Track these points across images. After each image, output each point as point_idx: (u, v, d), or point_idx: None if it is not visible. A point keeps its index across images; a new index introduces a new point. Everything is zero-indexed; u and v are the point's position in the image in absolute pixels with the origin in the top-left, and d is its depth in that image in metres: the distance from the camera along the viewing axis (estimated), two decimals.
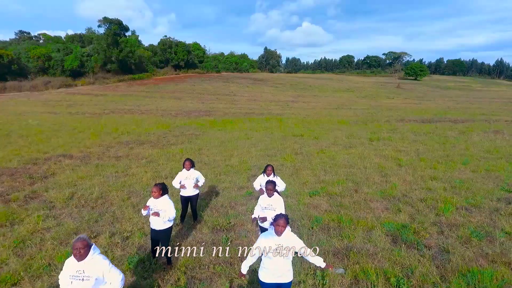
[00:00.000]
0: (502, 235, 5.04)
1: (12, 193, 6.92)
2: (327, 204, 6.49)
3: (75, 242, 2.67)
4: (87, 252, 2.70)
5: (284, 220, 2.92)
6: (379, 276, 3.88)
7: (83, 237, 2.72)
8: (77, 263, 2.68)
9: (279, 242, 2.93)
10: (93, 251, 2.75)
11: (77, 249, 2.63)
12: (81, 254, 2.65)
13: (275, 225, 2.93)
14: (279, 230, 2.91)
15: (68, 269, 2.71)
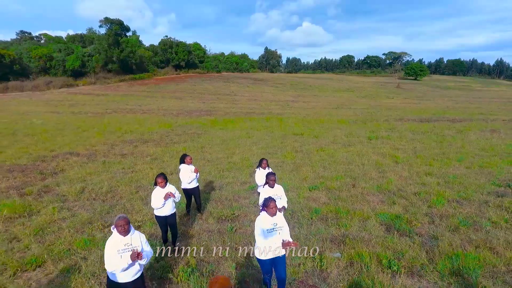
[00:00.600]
0: (488, 224, 5.38)
1: (25, 187, 7.26)
2: (326, 198, 6.83)
3: (118, 220, 3.07)
4: (129, 228, 3.11)
5: (274, 202, 3.34)
6: (372, 259, 4.22)
7: (123, 215, 3.12)
8: (123, 238, 3.08)
9: (274, 221, 3.34)
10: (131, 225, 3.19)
11: (122, 226, 3.03)
12: (126, 230, 3.07)
13: (268, 208, 3.34)
14: (273, 211, 3.31)
15: (115, 246, 3.07)
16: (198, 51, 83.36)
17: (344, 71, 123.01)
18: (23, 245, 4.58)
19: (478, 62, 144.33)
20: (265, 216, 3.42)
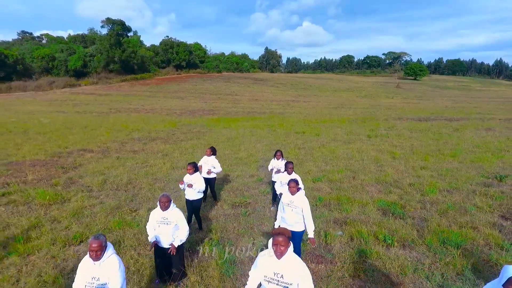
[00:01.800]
0: (473, 208, 6.00)
1: (52, 179, 7.88)
2: (329, 188, 7.45)
3: (161, 197, 3.71)
4: (169, 205, 3.73)
5: (294, 183, 3.93)
6: (370, 235, 4.84)
7: (166, 194, 3.73)
8: (162, 212, 3.72)
9: (291, 199, 3.94)
10: (172, 204, 3.80)
11: (163, 202, 3.67)
12: (166, 206, 3.70)
13: (288, 187, 3.94)
14: (292, 190, 3.91)
15: (154, 218, 3.75)
16: (198, 51, 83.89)
17: (344, 71, 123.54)
18: (64, 226, 5.21)
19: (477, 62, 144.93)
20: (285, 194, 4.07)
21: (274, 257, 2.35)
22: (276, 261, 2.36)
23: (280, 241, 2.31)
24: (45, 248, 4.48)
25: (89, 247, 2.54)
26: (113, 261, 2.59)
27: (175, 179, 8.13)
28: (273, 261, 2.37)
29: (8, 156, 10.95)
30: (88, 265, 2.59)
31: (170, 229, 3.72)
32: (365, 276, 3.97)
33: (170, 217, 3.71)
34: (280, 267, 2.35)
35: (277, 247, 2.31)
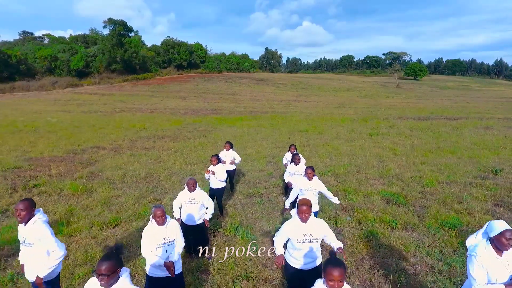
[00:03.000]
0: (469, 197, 6.52)
1: (74, 173, 8.38)
2: (335, 181, 7.96)
3: (189, 180, 4.22)
4: (196, 186, 4.22)
5: (311, 169, 4.46)
6: (376, 220, 5.34)
7: (193, 177, 4.23)
8: (190, 193, 4.21)
9: (311, 184, 4.47)
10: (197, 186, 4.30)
11: (191, 184, 4.15)
12: (194, 187, 4.21)
13: (306, 173, 4.47)
14: (309, 176, 4.44)
15: (183, 198, 4.26)
16: (199, 51, 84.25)
17: (344, 71, 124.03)
18: (97, 212, 5.70)
19: (477, 62, 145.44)
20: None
21: (301, 222, 2.92)
22: (303, 225, 2.93)
23: (305, 210, 2.89)
24: (85, 230, 4.98)
25: (154, 215, 3.02)
26: (175, 223, 3.22)
27: (190, 173, 8.63)
28: (301, 226, 2.93)
29: (27, 152, 11.44)
30: (155, 230, 3.05)
31: (197, 208, 4.26)
32: (373, 252, 4.47)
33: (197, 197, 4.24)
34: (308, 228, 2.93)
35: (303, 214, 2.89)
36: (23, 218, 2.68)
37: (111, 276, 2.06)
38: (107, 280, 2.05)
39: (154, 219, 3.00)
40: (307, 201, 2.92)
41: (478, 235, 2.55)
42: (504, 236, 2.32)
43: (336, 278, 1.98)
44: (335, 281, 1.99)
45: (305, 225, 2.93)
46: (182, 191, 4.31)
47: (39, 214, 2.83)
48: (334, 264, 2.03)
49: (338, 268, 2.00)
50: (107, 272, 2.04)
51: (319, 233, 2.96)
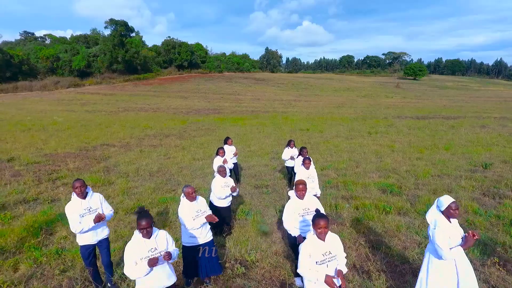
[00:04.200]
0: (458, 188, 7.08)
1: (91, 168, 8.95)
2: (335, 174, 8.52)
3: (219, 167, 4.70)
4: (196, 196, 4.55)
5: (308, 160, 5.05)
6: (372, 206, 5.90)
7: (222, 165, 4.75)
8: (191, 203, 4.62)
9: (309, 172, 5.05)
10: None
11: (222, 171, 4.68)
12: (225, 174, 4.78)
13: (304, 163, 5.06)
14: (307, 166, 5.08)
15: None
16: (200, 51, 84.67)
17: (344, 71, 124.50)
18: (119, 200, 6.27)
19: (476, 62, 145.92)
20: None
21: (298, 199, 3.38)
22: (301, 201, 3.48)
23: (301, 188, 3.45)
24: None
25: (187, 193, 3.62)
26: (203, 199, 3.85)
27: (199, 168, 9.20)
28: (298, 202, 3.49)
29: (41, 149, 12.00)
30: (189, 205, 3.64)
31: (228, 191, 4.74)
32: (368, 232, 5.04)
33: (229, 181, 4.77)
34: (305, 204, 3.49)
35: (300, 192, 3.35)
36: (83, 193, 3.26)
37: (151, 229, 2.68)
38: (148, 232, 2.65)
39: (186, 196, 3.57)
40: (302, 181, 3.50)
41: (433, 211, 3.05)
42: (451, 207, 2.90)
43: (322, 226, 2.62)
44: (322, 228, 2.61)
45: (302, 201, 3.52)
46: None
47: (89, 188, 3.50)
48: (320, 216, 2.70)
49: (323, 218, 2.65)
50: (147, 225, 2.62)
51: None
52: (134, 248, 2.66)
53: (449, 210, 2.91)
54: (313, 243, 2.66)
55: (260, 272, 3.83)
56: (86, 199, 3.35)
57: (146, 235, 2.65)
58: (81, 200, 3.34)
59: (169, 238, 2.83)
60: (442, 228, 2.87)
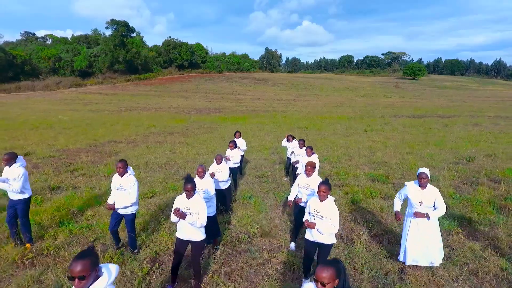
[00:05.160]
0: (440, 177, 7.78)
1: (103, 161, 9.62)
2: (330, 166, 9.19)
3: (217, 155, 5.37)
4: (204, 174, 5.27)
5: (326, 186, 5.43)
6: (360, 191, 6.60)
7: (220, 154, 5.42)
8: (217, 165, 5.39)
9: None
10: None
11: (219, 159, 5.33)
12: (220, 161, 5.42)
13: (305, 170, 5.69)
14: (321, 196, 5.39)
15: (212, 168, 5.42)
16: (200, 52, 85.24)
17: (344, 71, 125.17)
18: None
19: (475, 62, 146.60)
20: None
21: (315, 197, 3.81)
22: (307, 178, 4.23)
23: (309, 168, 4.16)
24: None
25: (197, 171, 4.38)
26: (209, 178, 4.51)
27: (203, 161, 9.87)
28: (304, 178, 4.22)
29: (53, 145, 12.66)
30: (197, 181, 4.34)
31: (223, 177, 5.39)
32: (355, 211, 5.74)
33: (222, 169, 5.36)
34: (309, 181, 4.22)
35: (321, 194, 3.58)
36: (122, 172, 3.99)
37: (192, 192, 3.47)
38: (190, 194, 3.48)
39: (197, 174, 4.30)
40: (311, 163, 4.29)
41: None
42: (419, 176, 3.76)
43: (322, 190, 3.38)
44: (321, 191, 3.39)
45: (308, 179, 4.32)
46: (212, 164, 5.40)
47: (131, 171, 4.19)
48: (323, 183, 3.48)
49: (325, 184, 3.43)
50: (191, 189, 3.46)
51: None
52: (176, 201, 3.55)
53: (419, 178, 3.77)
54: (313, 200, 3.51)
55: (260, 240, 4.54)
56: (122, 178, 4.07)
57: (188, 196, 3.48)
58: (119, 177, 4.10)
59: (202, 207, 3.48)
60: (408, 187, 3.91)
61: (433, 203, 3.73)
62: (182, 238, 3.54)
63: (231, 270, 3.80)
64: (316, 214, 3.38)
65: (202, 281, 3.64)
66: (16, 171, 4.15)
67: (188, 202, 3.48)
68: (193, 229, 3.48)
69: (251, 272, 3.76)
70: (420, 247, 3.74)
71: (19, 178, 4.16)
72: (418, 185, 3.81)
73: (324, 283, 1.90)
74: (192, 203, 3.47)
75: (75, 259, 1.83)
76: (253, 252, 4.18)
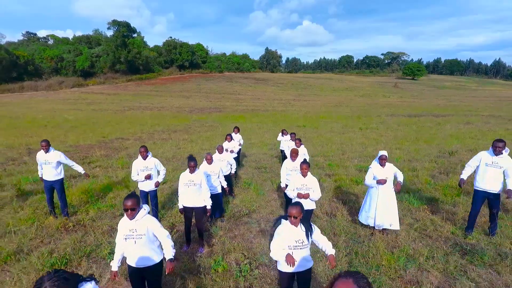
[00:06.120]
0: (421, 167, 8.62)
1: (115, 155, 10.45)
2: (323, 160, 10.02)
3: (218, 146, 6.19)
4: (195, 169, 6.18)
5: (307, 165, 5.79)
6: (347, 179, 7.45)
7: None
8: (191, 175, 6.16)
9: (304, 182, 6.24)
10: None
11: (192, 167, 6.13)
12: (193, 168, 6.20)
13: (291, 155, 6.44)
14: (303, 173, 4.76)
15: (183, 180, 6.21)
16: (200, 52, 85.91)
17: (344, 71, 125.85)
18: None
19: (475, 62, 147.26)
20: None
21: (299, 174, 4.39)
22: (301, 178, 4.47)
23: (305, 167, 4.46)
24: None
25: (206, 158, 5.24)
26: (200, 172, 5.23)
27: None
28: (299, 178, 4.55)
29: (64, 142, 13.50)
30: (206, 167, 5.23)
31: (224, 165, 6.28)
32: (340, 195, 6.58)
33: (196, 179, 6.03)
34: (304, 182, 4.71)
35: (304, 171, 4.23)
36: (144, 155, 4.85)
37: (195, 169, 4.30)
38: (194, 170, 4.33)
39: (206, 161, 5.13)
40: (295, 149, 5.08)
41: (374, 160, 4.83)
42: (380, 158, 4.65)
43: (304, 168, 4.22)
44: (303, 169, 4.21)
45: (293, 163, 5.14)
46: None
47: (151, 154, 5.15)
48: (304, 163, 4.25)
49: (305, 163, 4.24)
50: (194, 165, 4.33)
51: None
52: (182, 176, 4.48)
53: (379, 160, 4.67)
54: (297, 177, 4.32)
55: (258, 215, 5.38)
56: (146, 160, 4.91)
57: (192, 171, 4.42)
58: (142, 160, 4.90)
59: (203, 179, 4.43)
60: (373, 167, 4.76)
61: (392, 175, 4.65)
62: (188, 206, 4.42)
63: (234, 235, 4.65)
64: (304, 188, 4.20)
65: (210, 242, 4.54)
66: (55, 154, 5.06)
67: (192, 176, 4.42)
68: (195, 199, 4.36)
69: (251, 236, 4.61)
70: (384, 212, 4.65)
71: (65, 157, 5.18)
72: (379, 164, 4.71)
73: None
74: (195, 177, 4.42)
75: (127, 198, 2.68)
76: (253, 223, 5.04)
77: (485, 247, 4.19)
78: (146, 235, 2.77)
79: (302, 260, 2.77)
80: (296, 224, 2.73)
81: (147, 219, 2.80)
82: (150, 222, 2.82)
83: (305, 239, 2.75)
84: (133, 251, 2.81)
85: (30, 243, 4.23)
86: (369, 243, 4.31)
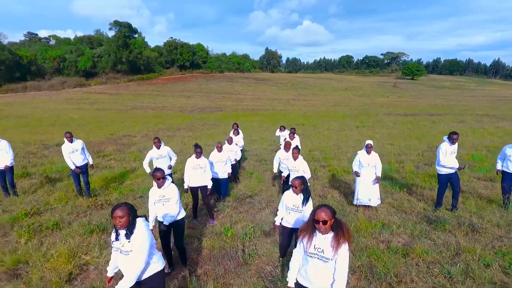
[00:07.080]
0: (407, 160, 9.40)
1: (125, 149, 11.22)
2: (319, 154, 10.79)
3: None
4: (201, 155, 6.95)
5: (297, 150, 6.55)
6: (340, 169, 8.23)
7: (220, 142, 7.02)
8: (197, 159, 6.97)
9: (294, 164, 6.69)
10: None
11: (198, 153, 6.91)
12: (200, 153, 6.98)
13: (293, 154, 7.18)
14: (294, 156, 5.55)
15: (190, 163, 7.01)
16: (201, 52, 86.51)
17: (343, 71, 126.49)
18: None
19: (474, 62, 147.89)
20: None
21: (292, 159, 5.29)
22: (293, 161, 5.30)
23: (295, 152, 5.27)
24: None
25: (217, 146, 5.99)
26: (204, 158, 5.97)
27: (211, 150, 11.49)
28: (291, 161, 5.40)
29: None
30: (216, 154, 6.08)
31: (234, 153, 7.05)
32: (334, 182, 7.34)
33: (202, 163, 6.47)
34: (295, 164, 5.36)
35: (294, 155, 5.18)
36: (158, 145, 5.59)
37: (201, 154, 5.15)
38: (200, 155, 5.16)
39: (217, 149, 5.92)
40: (288, 142, 5.81)
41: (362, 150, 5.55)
42: (366, 146, 5.42)
43: (295, 152, 5.08)
44: (294, 153, 5.10)
45: (286, 153, 5.87)
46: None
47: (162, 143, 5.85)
48: (295, 148, 4.95)
49: (296, 148, 5.00)
50: (200, 152, 5.14)
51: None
52: (188, 162, 5.25)
53: (366, 148, 5.39)
54: (288, 161, 5.12)
55: (260, 197, 6.18)
56: (160, 149, 5.68)
57: (198, 157, 5.14)
58: (156, 150, 5.69)
59: (207, 164, 5.16)
60: (360, 154, 5.53)
61: (375, 163, 5.41)
62: (193, 185, 5.20)
63: (239, 212, 5.45)
64: (295, 169, 4.97)
65: (214, 216, 5.39)
66: (78, 142, 5.88)
67: (198, 161, 5.20)
68: (200, 179, 5.13)
69: (254, 212, 5.41)
70: (364, 190, 5.50)
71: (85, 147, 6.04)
72: (366, 152, 5.46)
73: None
74: (201, 161, 5.21)
75: (155, 171, 3.65)
76: (255, 203, 5.85)
77: (448, 218, 4.99)
78: (172, 198, 3.65)
79: (297, 220, 3.59)
80: (297, 192, 3.51)
81: (171, 187, 3.69)
82: (173, 189, 3.74)
83: (300, 205, 3.55)
84: (162, 211, 3.67)
85: (68, 217, 5.02)
86: (353, 216, 5.11)
